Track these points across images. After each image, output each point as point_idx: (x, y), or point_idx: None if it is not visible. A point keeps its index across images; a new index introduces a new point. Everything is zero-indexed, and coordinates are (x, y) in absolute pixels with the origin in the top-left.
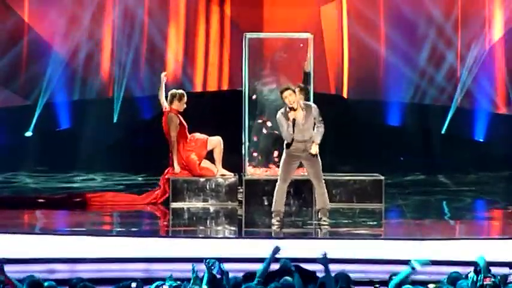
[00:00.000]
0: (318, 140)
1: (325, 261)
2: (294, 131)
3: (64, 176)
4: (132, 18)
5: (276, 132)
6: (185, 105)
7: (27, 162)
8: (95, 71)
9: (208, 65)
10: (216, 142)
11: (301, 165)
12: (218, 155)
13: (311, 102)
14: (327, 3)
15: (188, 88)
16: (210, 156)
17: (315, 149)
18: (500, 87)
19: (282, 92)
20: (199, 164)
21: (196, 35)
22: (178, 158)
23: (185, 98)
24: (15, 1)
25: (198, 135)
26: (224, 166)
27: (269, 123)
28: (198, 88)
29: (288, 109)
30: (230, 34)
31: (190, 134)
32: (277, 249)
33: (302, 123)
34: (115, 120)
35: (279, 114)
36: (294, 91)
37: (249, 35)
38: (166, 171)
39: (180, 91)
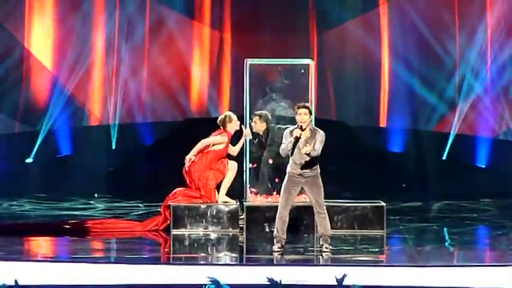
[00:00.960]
0: (309, 150)
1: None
2: (293, 149)
3: (64, 203)
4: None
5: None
6: (237, 128)
7: (28, 189)
8: (95, 98)
9: (209, 90)
10: (232, 164)
11: (302, 192)
12: (228, 180)
13: (320, 129)
14: (330, 29)
15: (189, 114)
16: None
17: (306, 149)
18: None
19: (299, 107)
20: (212, 187)
21: (199, 61)
22: (199, 167)
23: (234, 116)
24: (16, 28)
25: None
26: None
27: (273, 149)
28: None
29: (297, 127)
30: (231, 60)
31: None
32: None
33: (303, 144)
34: (113, 147)
35: (286, 130)
36: (311, 112)
37: (250, 61)
38: (167, 198)
39: (226, 113)
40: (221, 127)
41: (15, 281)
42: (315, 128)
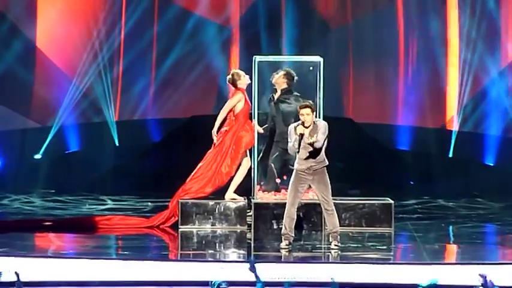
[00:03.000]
0: (314, 140)
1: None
2: (299, 146)
3: (72, 199)
4: (140, 41)
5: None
6: (249, 82)
7: (36, 185)
8: (104, 94)
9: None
10: (247, 160)
11: (310, 189)
12: (239, 178)
13: (321, 120)
14: (337, 26)
15: (195, 111)
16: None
17: (312, 139)
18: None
19: (301, 108)
20: (244, 151)
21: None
22: (225, 131)
23: (241, 72)
24: (27, 25)
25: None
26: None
27: (280, 145)
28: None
29: (300, 123)
30: (239, 57)
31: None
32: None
33: (307, 138)
34: (117, 144)
35: (290, 127)
36: (313, 111)
37: (258, 58)
38: (176, 193)
39: (233, 71)
40: (232, 87)
41: (16, 274)
42: (317, 120)
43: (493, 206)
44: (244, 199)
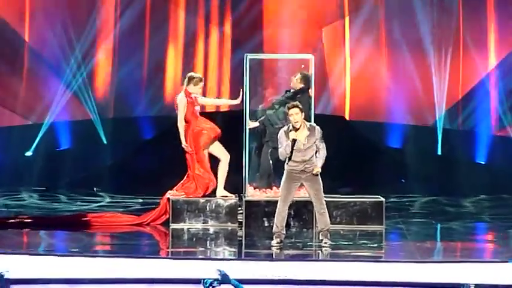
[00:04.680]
0: (320, 164)
1: None
2: (292, 151)
3: (63, 196)
4: (132, 39)
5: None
6: (200, 91)
7: (27, 182)
8: (95, 92)
9: (207, 86)
10: (224, 154)
11: (302, 186)
12: (222, 174)
13: (315, 124)
14: (329, 24)
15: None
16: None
17: (317, 170)
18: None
19: (289, 108)
20: (204, 148)
21: (196, 56)
22: (186, 136)
23: (201, 83)
24: (17, 21)
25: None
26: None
27: (270, 144)
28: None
29: (291, 127)
30: (231, 55)
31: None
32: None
33: (303, 144)
34: (105, 142)
35: (281, 132)
36: (302, 111)
37: (249, 56)
38: (167, 191)
39: (198, 75)
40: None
41: (1, 275)
42: (311, 124)
43: (484, 203)
44: (236, 196)
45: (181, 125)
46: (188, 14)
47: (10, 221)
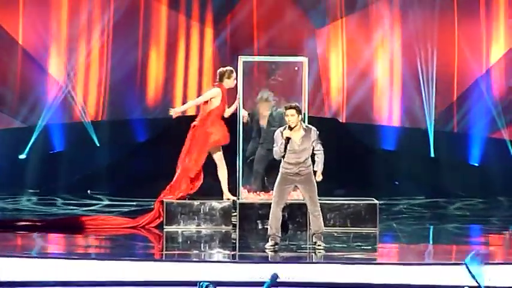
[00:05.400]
0: (320, 167)
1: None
2: (285, 150)
3: (57, 199)
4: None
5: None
6: (235, 82)
7: (20, 185)
8: (88, 95)
9: (201, 88)
10: (223, 166)
11: (296, 189)
12: (223, 178)
13: (311, 126)
14: (323, 26)
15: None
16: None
17: (319, 177)
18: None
19: (286, 109)
20: (208, 149)
21: (189, 58)
22: (199, 125)
23: (234, 74)
24: (10, 24)
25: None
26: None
27: (265, 146)
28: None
29: (287, 128)
30: (224, 57)
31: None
32: (275, 276)
33: (298, 145)
34: (98, 144)
35: (277, 131)
36: (299, 112)
37: (243, 58)
38: (161, 194)
39: (228, 67)
40: (218, 80)
41: None
42: (307, 125)
43: (478, 206)
44: (237, 199)
45: (197, 101)
46: (181, 16)
47: (2, 224)
